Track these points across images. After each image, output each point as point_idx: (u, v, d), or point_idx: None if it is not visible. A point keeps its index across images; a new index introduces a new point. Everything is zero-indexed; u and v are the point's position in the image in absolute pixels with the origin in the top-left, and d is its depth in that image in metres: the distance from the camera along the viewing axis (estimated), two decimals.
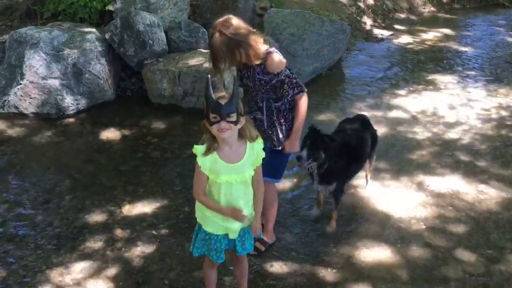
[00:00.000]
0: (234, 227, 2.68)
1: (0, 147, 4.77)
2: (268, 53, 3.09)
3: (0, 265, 3.40)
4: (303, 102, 3.20)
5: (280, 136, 3.26)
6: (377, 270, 3.47)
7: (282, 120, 3.25)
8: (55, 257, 3.49)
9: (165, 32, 6.07)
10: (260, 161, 2.63)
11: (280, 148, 3.28)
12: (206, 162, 2.55)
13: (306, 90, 3.19)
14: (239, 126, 2.50)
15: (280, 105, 3.20)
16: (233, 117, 2.45)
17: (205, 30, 6.29)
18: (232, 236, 2.72)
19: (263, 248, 3.54)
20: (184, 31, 6.18)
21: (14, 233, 3.70)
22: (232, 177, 2.56)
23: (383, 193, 4.33)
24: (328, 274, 3.43)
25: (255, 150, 2.61)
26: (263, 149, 2.67)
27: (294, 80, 3.15)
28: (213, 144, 2.53)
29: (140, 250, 3.58)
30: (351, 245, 3.70)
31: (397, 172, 4.63)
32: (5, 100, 5.31)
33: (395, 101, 6.12)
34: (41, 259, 3.47)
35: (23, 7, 6.58)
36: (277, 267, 3.47)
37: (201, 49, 6.12)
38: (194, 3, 6.90)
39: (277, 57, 3.10)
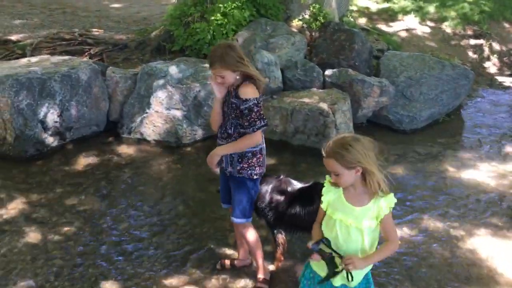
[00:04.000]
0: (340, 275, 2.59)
1: (124, 169, 5.18)
2: (244, 81, 3.13)
3: (116, 281, 3.63)
4: (253, 139, 3.13)
5: (237, 166, 3.23)
6: None
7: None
8: (165, 278, 3.65)
9: (281, 70, 6.25)
10: (382, 216, 2.50)
11: (237, 176, 3.25)
12: (330, 193, 2.57)
13: (267, 126, 3.17)
14: (354, 175, 2.45)
15: (245, 132, 3.15)
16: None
17: (320, 70, 6.38)
18: (336, 283, 2.62)
19: (267, 287, 3.52)
20: (299, 70, 6.32)
21: (130, 252, 3.95)
22: (347, 219, 2.50)
23: (504, 253, 3.96)
24: None
25: (379, 205, 2.49)
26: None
27: (262, 111, 3.12)
28: None
29: (244, 283, 3.62)
30: None
31: None
32: (132, 127, 5.78)
33: None
34: (152, 279, 3.65)
35: (155, 43, 7.20)
36: None
37: (315, 88, 6.19)
38: (311, 43, 7.05)
39: (251, 86, 3.12)
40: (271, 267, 3.74)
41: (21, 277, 3.64)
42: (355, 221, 2.49)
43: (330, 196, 2.57)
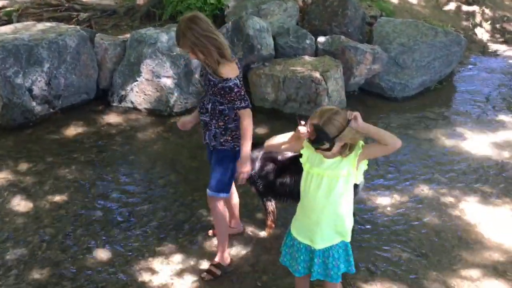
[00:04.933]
0: (319, 236, 2.65)
1: (116, 138, 5.14)
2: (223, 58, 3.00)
3: (108, 249, 3.66)
4: (249, 118, 3.06)
5: (221, 139, 3.18)
6: None
7: (221, 123, 3.16)
8: (157, 245, 3.68)
9: (273, 37, 6.16)
10: (360, 150, 2.55)
11: (220, 148, 3.21)
12: (309, 149, 2.63)
13: (250, 106, 3.08)
14: (339, 144, 2.50)
15: (224, 109, 3.11)
16: (326, 146, 2.47)
17: (312, 36, 6.30)
18: (316, 246, 2.67)
19: (219, 272, 3.42)
20: (291, 37, 6.23)
21: (122, 220, 3.96)
22: (324, 171, 2.57)
23: (492, 219, 4.03)
24: None
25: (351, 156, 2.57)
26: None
27: (243, 92, 3.04)
28: None
29: (235, 250, 3.65)
30: (455, 273, 3.48)
31: (507, 198, 4.29)
32: (122, 95, 5.71)
33: (510, 123, 5.67)
34: (144, 247, 3.67)
35: (144, 9, 7.05)
36: None
37: (307, 56, 6.12)
38: (303, 10, 6.93)
39: (231, 64, 3.02)
40: (263, 234, 3.78)
41: (13, 245, 3.65)
42: (332, 172, 2.56)
43: (309, 152, 2.64)
